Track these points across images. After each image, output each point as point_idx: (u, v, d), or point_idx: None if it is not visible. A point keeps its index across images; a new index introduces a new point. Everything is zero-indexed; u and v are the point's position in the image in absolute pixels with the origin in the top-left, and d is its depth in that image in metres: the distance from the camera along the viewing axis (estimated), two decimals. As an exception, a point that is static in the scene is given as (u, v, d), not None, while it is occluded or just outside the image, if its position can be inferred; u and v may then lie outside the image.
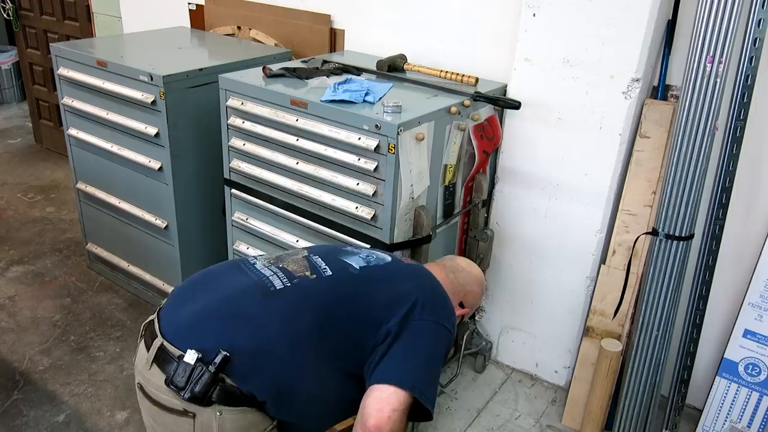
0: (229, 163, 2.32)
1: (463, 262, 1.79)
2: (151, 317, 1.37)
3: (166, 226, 2.64)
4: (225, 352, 1.22)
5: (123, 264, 2.94)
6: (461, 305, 1.69)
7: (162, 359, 1.25)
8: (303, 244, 2.20)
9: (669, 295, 2.02)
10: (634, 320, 2.16)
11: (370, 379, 1.28)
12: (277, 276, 1.37)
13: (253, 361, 1.26)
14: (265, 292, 1.32)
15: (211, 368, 1.22)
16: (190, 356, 1.22)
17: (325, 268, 1.41)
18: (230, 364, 1.23)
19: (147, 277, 2.86)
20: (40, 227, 3.56)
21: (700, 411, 2.28)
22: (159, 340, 1.27)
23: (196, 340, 1.25)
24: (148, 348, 1.29)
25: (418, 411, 1.31)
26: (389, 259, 1.53)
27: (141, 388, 1.32)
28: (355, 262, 1.45)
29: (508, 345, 2.66)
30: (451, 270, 1.71)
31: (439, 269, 1.68)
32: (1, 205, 3.78)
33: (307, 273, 1.38)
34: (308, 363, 1.29)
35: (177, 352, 1.24)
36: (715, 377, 2.21)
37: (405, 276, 1.51)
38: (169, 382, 1.23)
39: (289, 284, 1.34)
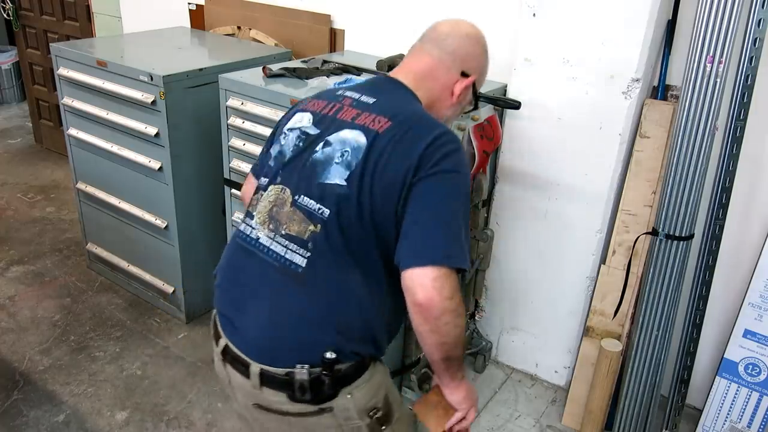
0: (229, 163, 2.32)
1: (445, 26, 1.44)
2: (222, 343, 1.29)
3: (166, 226, 2.64)
4: (328, 353, 1.18)
5: (123, 264, 2.94)
6: (464, 74, 1.40)
7: (271, 381, 1.21)
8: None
9: (669, 295, 2.02)
10: (634, 320, 2.16)
11: (398, 264, 1.17)
12: (289, 249, 1.21)
13: (346, 336, 1.21)
14: (297, 278, 1.20)
15: (325, 373, 1.19)
16: (302, 373, 1.19)
17: (320, 209, 1.19)
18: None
19: (147, 277, 2.86)
20: (40, 227, 3.56)
21: (700, 411, 2.28)
22: (257, 367, 1.21)
23: (288, 354, 1.21)
24: (244, 374, 1.24)
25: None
26: (363, 140, 1.21)
27: (260, 407, 1.26)
28: (339, 177, 1.20)
29: (508, 345, 2.66)
30: (426, 60, 1.38)
31: (407, 75, 1.37)
32: (1, 205, 3.78)
33: (311, 227, 1.19)
34: (372, 289, 1.23)
35: (281, 371, 1.20)
36: (715, 377, 2.21)
37: (387, 149, 1.19)
38: (293, 398, 1.21)
39: (308, 255, 1.20)
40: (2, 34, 5.55)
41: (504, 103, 2.14)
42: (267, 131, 2.14)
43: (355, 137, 1.21)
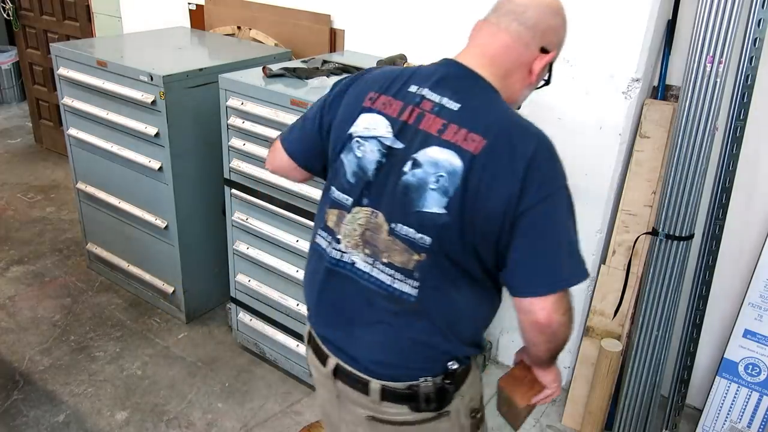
0: (229, 163, 2.32)
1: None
2: (331, 362, 1.29)
3: (166, 226, 2.64)
4: (450, 364, 1.23)
5: (123, 264, 2.94)
6: (544, 50, 1.26)
7: (392, 395, 1.23)
8: (303, 244, 2.20)
9: (669, 295, 2.02)
10: (634, 320, 2.16)
11: (510, 289, 1.18)
12: (396, 279, 1.18)
13: (463, 344, 1.26)
14: (411, 307, 1.19)
15: (448, 382, 1.23)
16: (426, 387, 1.22)
17: (421, 238, 1.13)
18: None
19: (147, 277, 2.86)
20: (40, 227, 3.56)
21: (700, 411, 2.28)
22: (377, 384, 1.23)
23: (410, 372, 1.23)
24: (362, 391, 1.25)
25: None
26: (458, 163, 1.10)
27: (375, 419, 1.27)
28: (437, 205, 1.12)
29: (508, 345, 2.66)
30: (502, 38, 1.22)
31: (481, 60, 1.22)
32: (1, 205, 3.78)
33: (415, 257, 1.15)
34: (478, 298, 1.26)
35: (403, 385, 1.22)
36: (715, 377, 2.21)
37: (486, 175, 1.10)
38: (417, 409, 1.24)
39: (418, 285, 1.17)
40: (2, 34, 5.55)
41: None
42: (267, 131, 2.14)
43: (449, 159, 1.11)
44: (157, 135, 2.46)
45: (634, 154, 2.18)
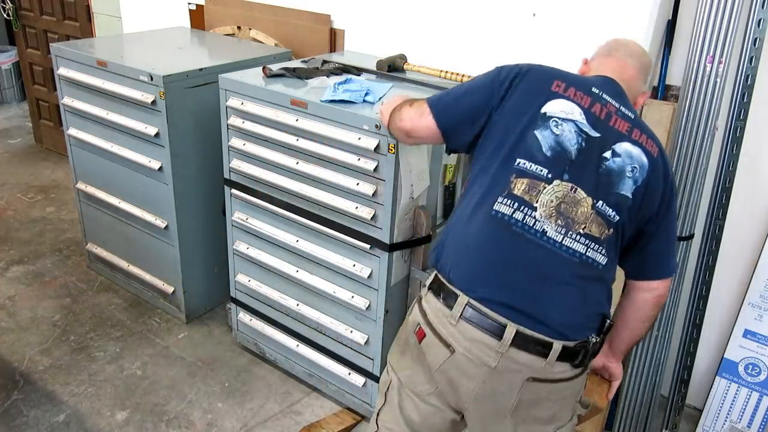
0: (229, 163, 2.32)
1: (630, 42, 1.59)
2: (510, 331, 1.29)
3: (166, 226, 2.64)
4: (607, 322, 1.38)
5: (123, 264, 2.94)
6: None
7: (566, 354, 1.31)
8: (303, 244, 2.20)
9: (669, 295, 2.02)
10: (634, 320, 2.16)
11: (644, 272, 1.46)
12: (590, 248, 1.33)
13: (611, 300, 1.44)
14: (598, 273, 1.34)
15: (603, 338, 1.38)
16: (593, 343, 1.35)
17: (614, 215, 1.34)
18: None
19: (147, 277, 2.86)
20: (40, 227, 3.56)
21: (700, 411, 2.28)
22: (559, 344, 1.30)
23: (586, 330, 1.35)
24: (541, 354, 1.30)
25: None
26: (645, 161, 1.36)
27: (536, 379, 1.33)
28: (628, 190, 1.35)
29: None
30: (631, 71, 1.51)
31: (622, 83, 1.47)
32: (1, 205, 3.78)
33: (606, 231, 1.34)
34: None
35: (575, 343, 1.32)
36: (715, 377, 2.21)
37: (657, 175, 1.38)
38: (579, 364, 1.35)
39: (606, 254, 1.34)
40: (2, 34, 5.55)
41: (504, 103, 2.14)
42: (267, 131, 2.14)
43: (639, 155, 1.36)
44: (157, 135, 2.46)
45: (634, 154, 2.18)
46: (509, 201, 1.32)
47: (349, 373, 2.27)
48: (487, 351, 1.30)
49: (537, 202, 1.31)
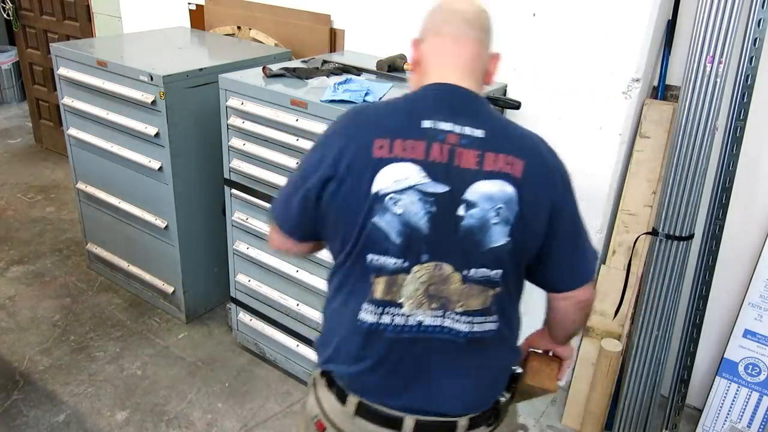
0: (229, 163, 2.32)
1: (460, 4, 1.29)
2: (409, 423, 1.21)
3: (166, 226, 2.64)
4: (514, 369, 1.33)
5: (123, 264, 2.94)
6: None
7: (477, 421, 1.25)
8: (303, 244, 2.20)
9: (669, 295, 2.02)
10: (634, 320, 2.16)
11: (557, 284, 1.26)
12: (476, 323, 1.17)
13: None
14: (493, 339, 1.21)
15: (514, 388, 1.33)
16: (505, 400, 1.31)
17: (495, 273, 1.14)
18: None
19: (147, 277, 2.86)
20: (40, 227, 3.56)
21: (700, 411, 2.28)
22: (465, 419, 1.22)
23: (496, 394, 1.29)
24: (451, 429, 1.23)
25: None
26: (510, 190, 1.11)
27: None
28: (502, 237, 1.12)
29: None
30: (470, 46, 1.21)
31: (462, 74, 1.18)
32: (1, 205, 3.78)
33: (491, 292, 1.16)
34: None
35: (487, 408, 1.27)
36: (715, 377, 2.21)
37: (533, 193, 1.14)
38: (495, 423, 1.29)
39: (497, 318, 1.19)
40: (2, 34, 5.55)
41: (504, 103, 2.14)
42: (267, 131, 2.14)
43: (501, 189, 1.10)
44: (157, 135, 2.46)
45: (634, 154, 2.19)
46: (372, 307, 1.15)
47: (349, 373, 2.26)
48: None
49: (401, 297, 1.14)
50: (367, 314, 1.15)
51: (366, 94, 2.02)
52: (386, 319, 1.15)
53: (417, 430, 1.20)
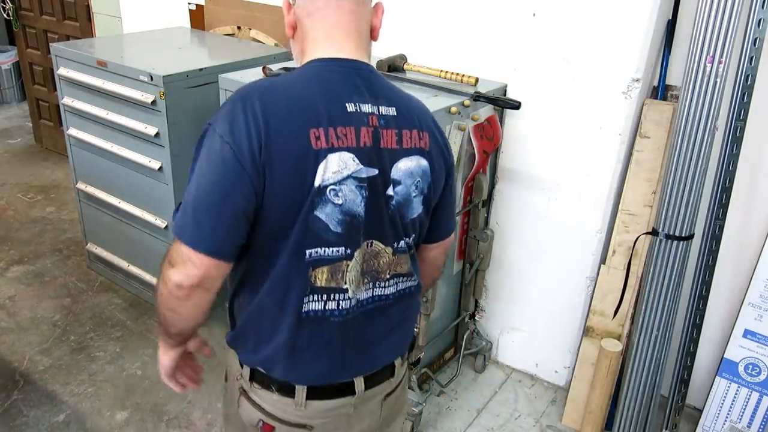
0: (229, 163, 2.32)
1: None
2: (360, 384, 1.26)
3: (166, 226, 2.64)
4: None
5: (123, 264, 2.94)
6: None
7: (404, 364, 1.37)
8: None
9: (669, 295, 2.02)
10: (634, 320, 2.16)
11: (437, 234, 1.34)
12: (400, 282, 1.25)
13: None
14: (415, 293, 1.32)
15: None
16: (416, 332, 1.51)
17: (414, 238, 1.23)
18: None
19: (147, 277, 2.86)
20: (40, 227, 3.56)
21: (700, 411, 2.28)
22: (400, 363, 1.34)
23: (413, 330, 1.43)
24: (390, 376, 1.33)
25: None
26: (425, 163, 1.17)
27: (389, 394, 1.34)
28: (419, 206, 1.19)
29: (508, 345, 2.66)
30: (348, 7, 1.15)
31: (353, 45, 1.15)
32: (1, 205, 3.78)
33: (408, 255, 1.26)
34: None
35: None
36: (715, 377, 2.21)
37: (435, 163, 1.20)
38: (409, 353, 1.39)
39: (414, 274, 1.29)
40: (2, 34, 5.55)
41: (504, 103, 2.14)
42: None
43: (418, 164, 1.16)
44: (157, 135, 2.46)
45: (634, 154, 2.18)
46: (316, 296, 1.13)
47: (349, 373, 2.26)
48: (344, 408, 1.25)
49: (345, 283, 1.14)
50: (312, 304, 1.14)
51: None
52: (331, 305, 1.16)
53: (367, 386, 1.26)
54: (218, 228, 1.03)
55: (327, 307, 1.15)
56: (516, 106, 2.12)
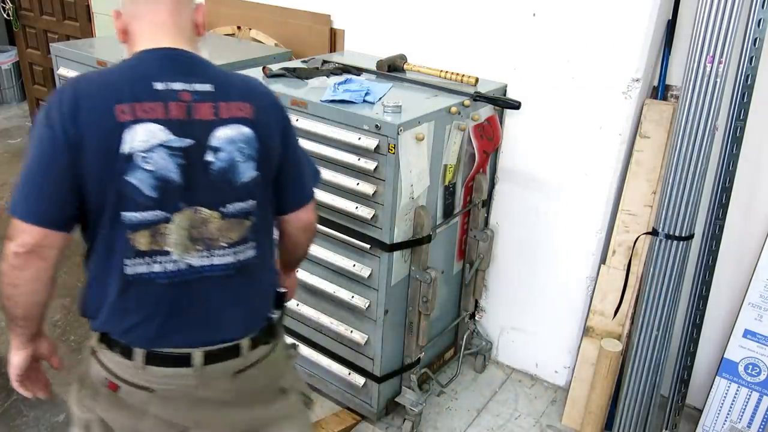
0: (229, 163, 2.32)
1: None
2: (198, 357, 1.31)
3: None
4: (279, 289, 1.48)
5: (123, 264, 2.94)
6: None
7: (256, 340, 1.38)
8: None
9: (669, 295, 2.02)
10: (634, 320, 2.16)
11: (291, 204, 1.43)
12: (239, 252, 1.31)
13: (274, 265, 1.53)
14: (255, 265, 1.36)
15: (280, 307, 1.47)
16: (276, 316, 1.45)
17: (249, 204, 1.30)
18: None
19: (147, 277, 2.85)
20: (40, 227, 3.56)
21: (700, 411, 2.28)
22: (247, 340, 1.36)
23: (267, 312, 1.43)
24: (233, 354, 1.35)
25: None
26: (248, 131, 1.27)
27: (239, 372, 1.36)
28: (251, 170, 1.28)
29: (508, 345, 2.66)
30: (165, 4, 1.28)
31: (174, 36, 1.29)
32: (1, 205, 3.78)
33: (247, 222, 1.31)
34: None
35: (257, 331, 1.40)
36: (715, 377, 2.21)
37: (266, 128, 1.31)
38: (273, 338, 1.44)
39: (255, 244, 1.34)
40: (2, 34, 5.55)
41: (504, 103, 2.14)
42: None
43: (239, 131, 1.27)
44: (157, 135, 2.46)
45: (634, 154, 2.19)
46: (139, 259, 1.22)
47: (349, 373, 2.26)
48: (185, 379, 1.30)
49: (167, 245, 1.23)
50: (136, 266, 1.23)
51: (366, 94, 2.02)
52: (157, 268, 1.24)
53: (206, 361, 1.30)
54: (43, 199, 1.17)
55: (152, 270, 1.24)
56: (516, 106, 2.12)
